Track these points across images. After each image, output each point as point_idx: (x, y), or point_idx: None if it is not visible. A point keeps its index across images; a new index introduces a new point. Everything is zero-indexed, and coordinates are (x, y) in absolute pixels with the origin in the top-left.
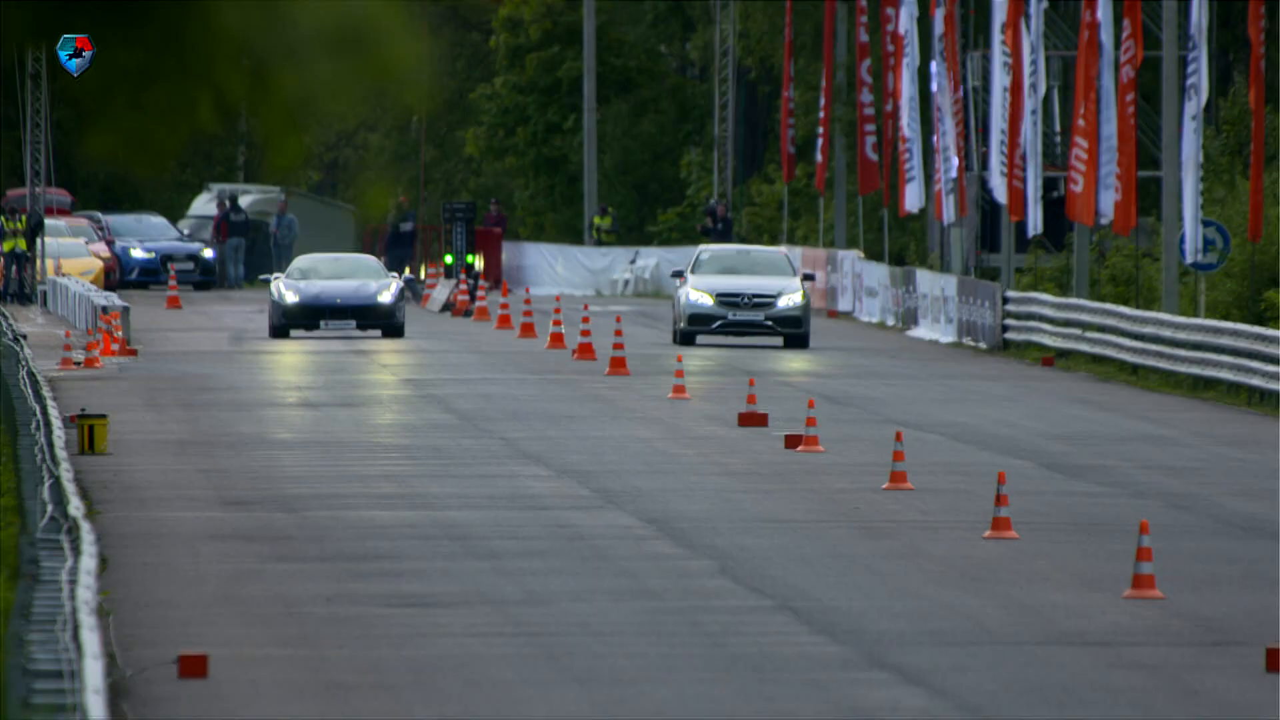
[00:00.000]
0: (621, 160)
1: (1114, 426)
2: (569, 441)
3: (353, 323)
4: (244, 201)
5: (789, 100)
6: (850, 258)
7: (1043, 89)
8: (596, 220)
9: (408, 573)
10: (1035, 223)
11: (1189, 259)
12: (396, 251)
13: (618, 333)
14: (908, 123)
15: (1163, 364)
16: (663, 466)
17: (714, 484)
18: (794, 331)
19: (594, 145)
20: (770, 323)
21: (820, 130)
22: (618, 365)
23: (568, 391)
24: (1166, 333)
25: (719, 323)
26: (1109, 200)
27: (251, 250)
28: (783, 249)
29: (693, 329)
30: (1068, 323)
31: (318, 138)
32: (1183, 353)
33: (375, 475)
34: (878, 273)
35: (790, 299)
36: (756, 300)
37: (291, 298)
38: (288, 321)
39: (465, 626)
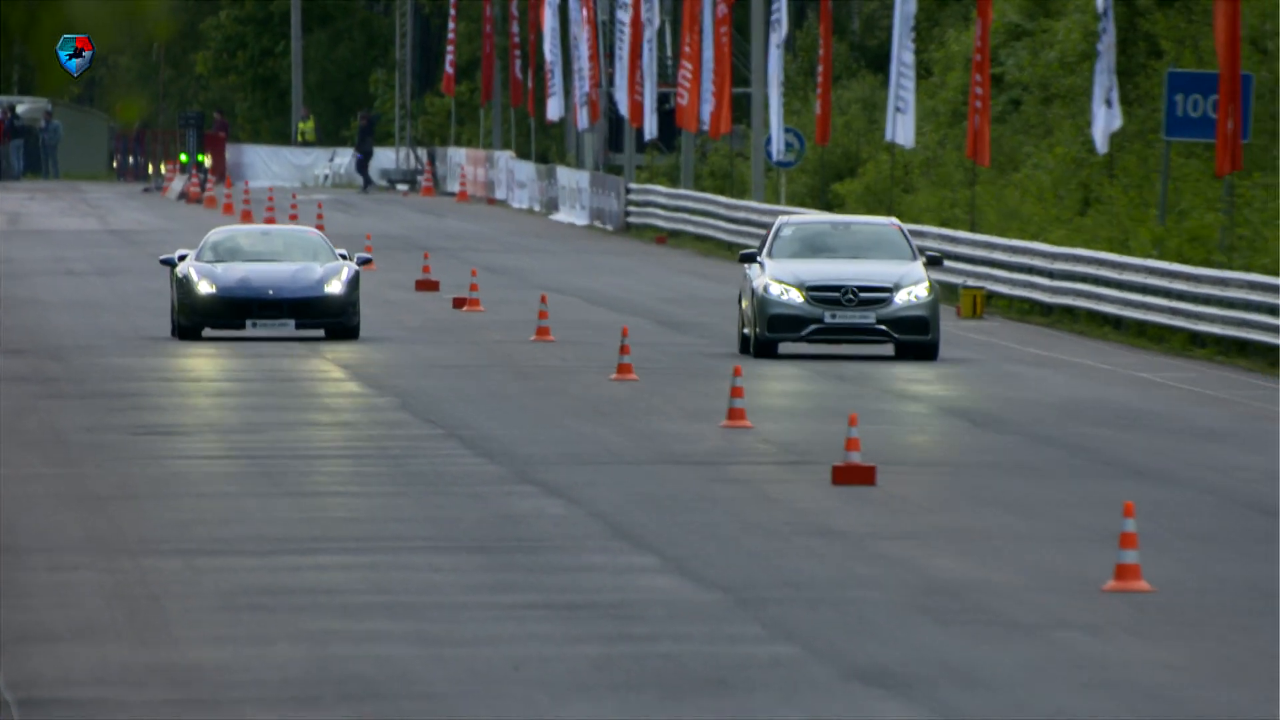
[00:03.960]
0: (321, 78)
1: (713, 291)
2: None
3: (290, 321)
4: (20, 110)
5: (454, 31)
6: (504, 157)
7: (657, 23)
8: (301, 126)
9: (151, 408)
10: (651, 129)
11: (773, 158)
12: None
13: (319, 216)
14: (549, 49)
15: (750, 241)
16: None
17: (396, 335)
18: (919, 339)
19: (299, 66)
20: (884, 327)
21: (481, 55)
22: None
23: None
24: (755, 216)
25: (812, 327)
26: (709, 111)
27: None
28: (894, 220)
29: (775, 336)
30: (677, 209)
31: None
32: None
33: (127, 330)
34: (526, 169)
35: (911, 292)
36: (865, 295)
37: (206, 288)
38: (200, 319)
39: (198, 450)
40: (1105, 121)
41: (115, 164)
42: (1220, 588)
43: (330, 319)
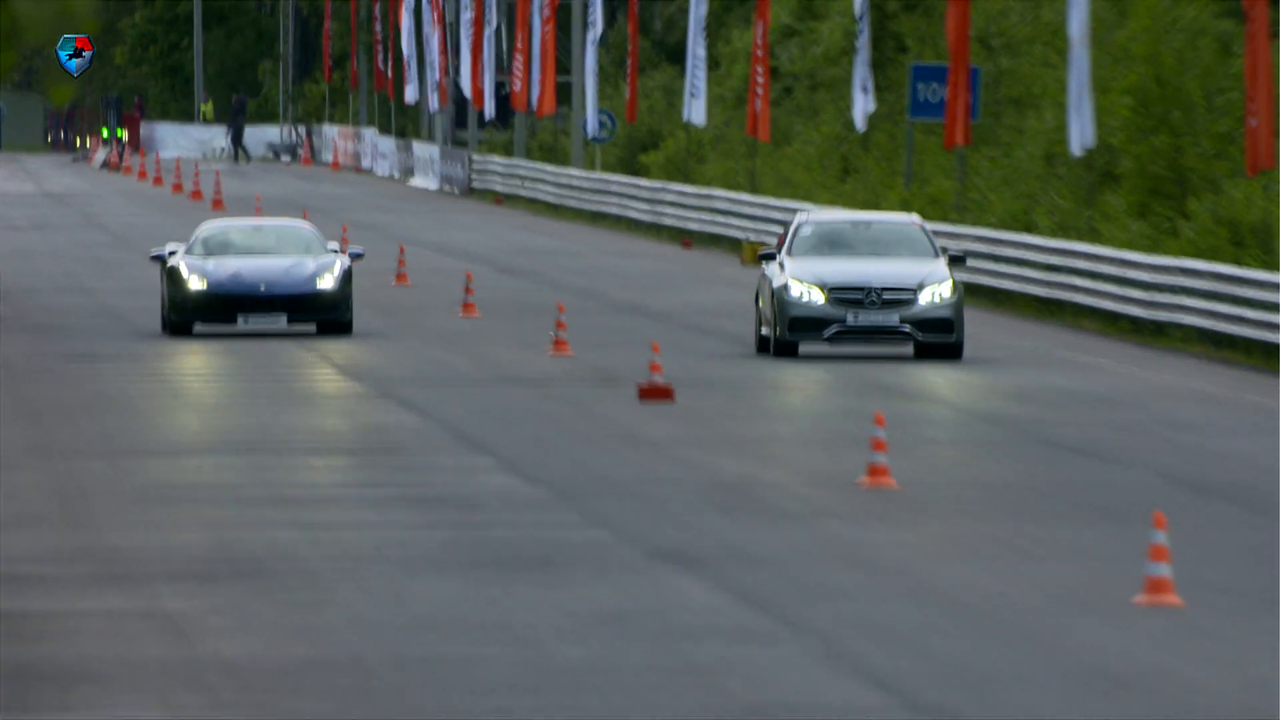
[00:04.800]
0: (219, 68)
1: (541, 244)
2: None
3: (282, 317)
4: None
5: (328, 29)
6: (370, 133)
7: (494, 23)
8: (203, 107)
9: (80, 338)
10: (490, 110)
11: (589, 134)
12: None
13: (218, 182)
14: (406, 44)
15: (572, 203)
16: None
17: None
18: (943, 339)
19: (201, 58)
20: (907, 328)
21: (350, 49)
22: (217, 205)
23: (182, 220)
24: (575, 182)
25: (834, 328)
26: (537, 95)
27: None
28: (915, 217)
29: (796, 337)
30: (512, 175)
31: (20, 52)
32: (586, 195)
33: (56, 274)
34: (388, 143)
35: (935, 292)
36: (888, 296)
37: (197, 283)
38: (192, 314)
39: (119, 374)
40: (862, 105)
41: (49, 138)
42: (950, 484)
43: (323, 314)
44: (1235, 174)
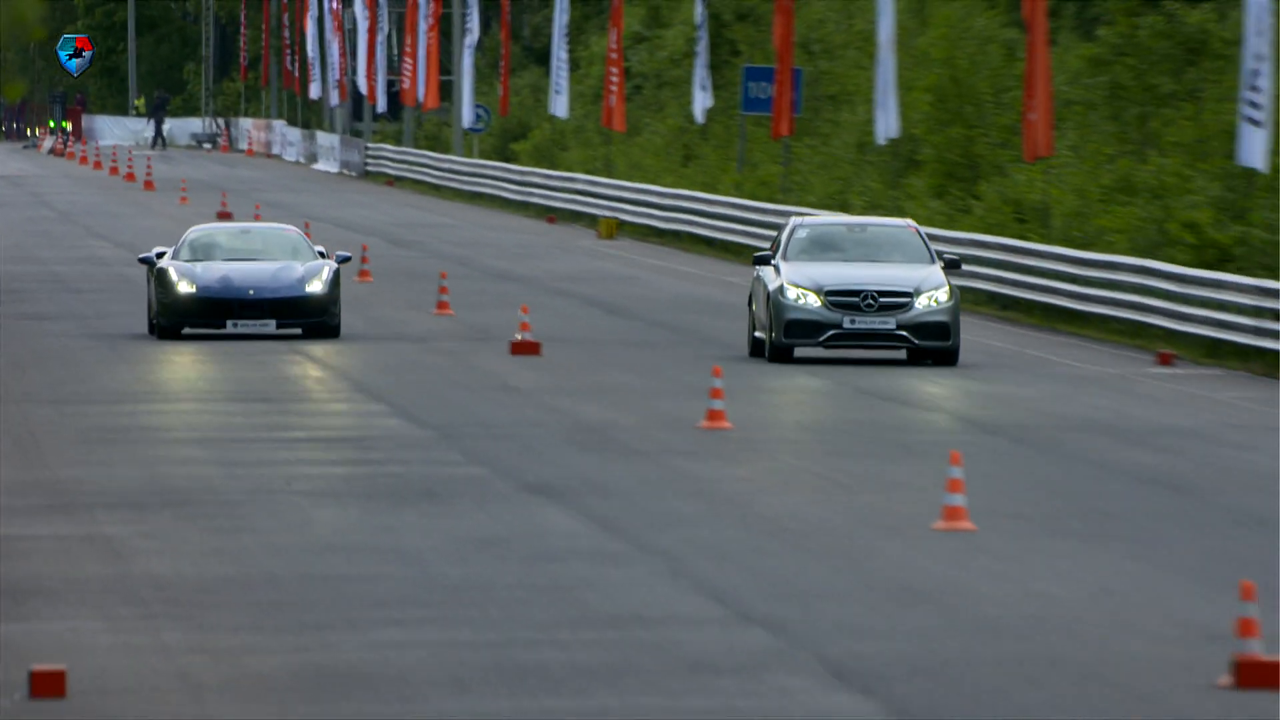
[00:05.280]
0: (150, 69)
1: (427, 219)
2: (120, 226)
3: (271, 321)
4: None
5: (244, 35)
6: (279, 125)
7: (386, 29)
8: (136, 102)
9: (30, 300)
10: (383, 105)
11: (468, 126)
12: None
13: (149, 167)
14: (311, 49)
15: (453, 185)
16: (151, 225)
17: (169, 236)
18: (939, 345)
19: (135, 61)
20: (904, 332)
21: (262, 52)
22: (149, 186)
23: (118, 199)
24: (456, 167)
25: (830, 333)
26: (423, 92)
27: None
28: (910, 221)
29: (792, 341)
30: (401, 161)
31: None
32: (465, 178)
33: (9, 245)
34: (294, 133)
35: (932, 297)
36: (884, 300)
37: (185, 287)
38: (181, 318)
39: (64, 332)
40: (701, 101)
41: (3, 129)
42: (783, 426)
43: (312, 319)
44: (1017, 160)
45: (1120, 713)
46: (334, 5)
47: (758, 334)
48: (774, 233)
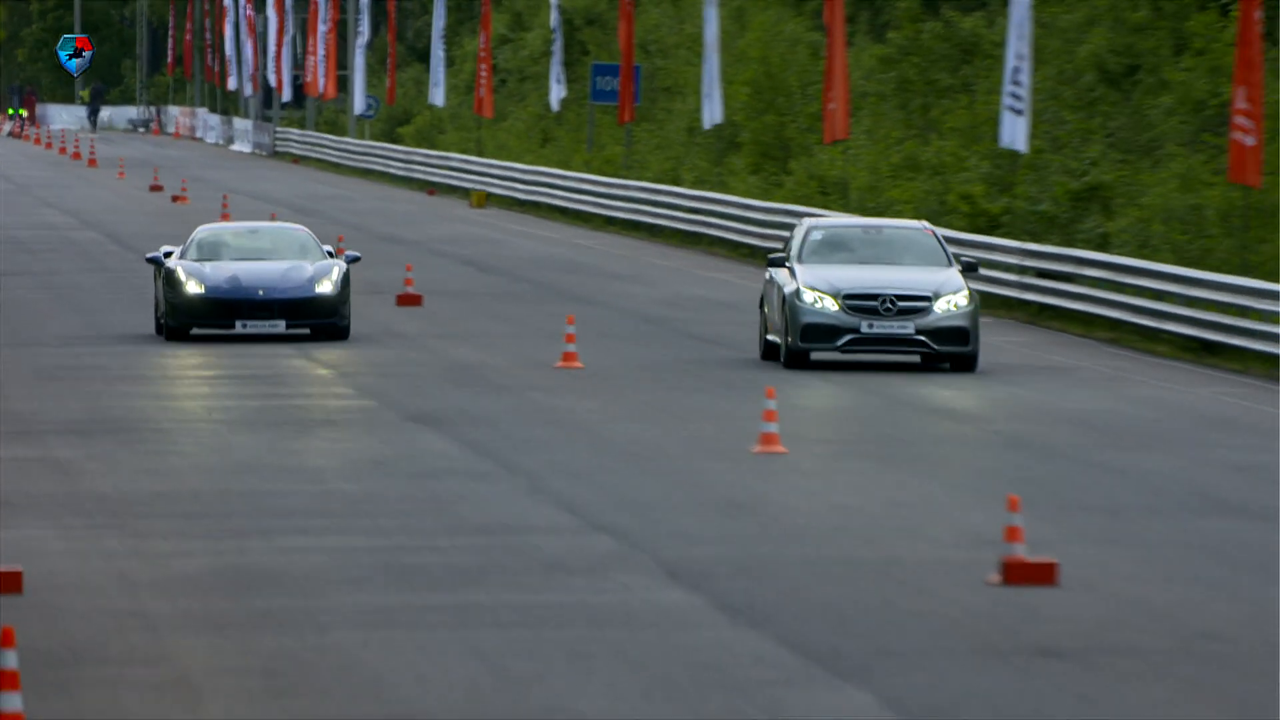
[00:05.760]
0: (93, 65)
1: (326, 192)
2: (67, 196)
3: (280, 322)
4: None
5: (173, 34)
6: (202, 111)
7: (292, 32)
8: (82, 93)
9: None
10: (288, 95)
11: (360, 113)
12: None
13: (92, 149)
14: (229, 48)
15: (349, 163)
16: (94, 195)
17: (109, 204)
18: (960, 350)
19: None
20: (923, 337)
21: (187, 51)
22: (92, 163)
23: (66, 174)
24: (351, 148)
25: (848, 337)
26: (323, 85)
27: None
28: (926, 224)
29: (809, 346)
30: (305, 143)
31: None
32: (358, 157)
33: None
34: (215, 119)
35: (951, 301)
36: (903, 305)
37: (194, 287)
38: (190, 319)
39: (21, 286)
40: (557, 93)
41: None
42: (626, 365)
43: (321, 319)
44: (820, 143)
45: (907, 604)
46: (248, 11)
47: (770, 337)
48: (620, 203)
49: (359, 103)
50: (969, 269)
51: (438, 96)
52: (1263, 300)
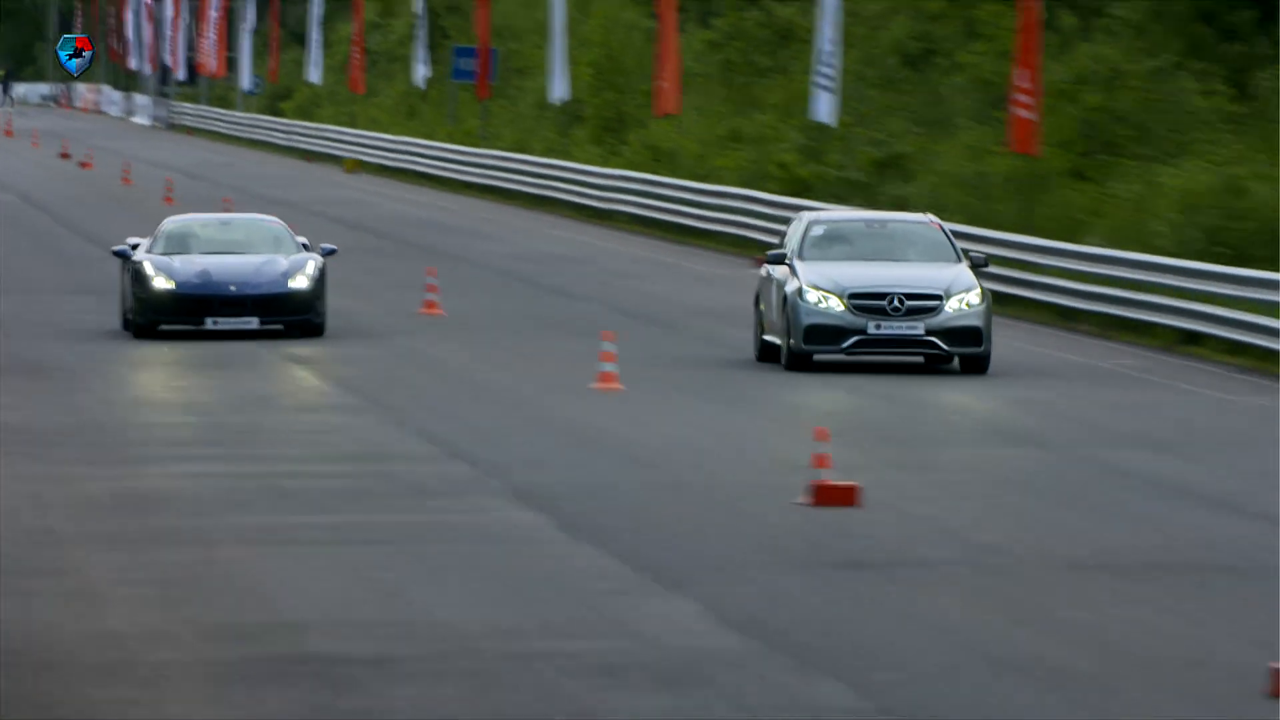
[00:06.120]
0: (7, 47)
1: (217, 160)
2: None
3: (253, 319)
4: None
5: (80, 22)
6: (107, 88)
7: (187, 19)
8: None
9: None
10: (183, 74)
11: (246, 90)
12: None
13: (9, 122)
14: (130, 32)
15: (236, 133)
16: (9, 163)
17: (21, 170)
18: (971, 351)
19: None
20: (933, 338)
21: (94, 33)
22: (9, 134)
23: None
24: (239, 120)
25: (854, 339)
26: (214, 64)
27: None
28: (933, 218)
29: (812, 348)
30: (199, 115)
31: None
32: (245, 128)
33: None
34: (118, 95)
35: (963, 300)
36: (912, 303)
37: (163, 283)
38: (158, 315)
39: None
40: (421, 72)
41: None
42: (483, 312)
43: (296, 316)
44: (654, 117)
45: (728, 523)
46: (148, 0)
47: (767, 337)
48: (477, 170)
49: (245, 80)
50: (978, 265)
51: (315, 75)
52: (1046, 254)
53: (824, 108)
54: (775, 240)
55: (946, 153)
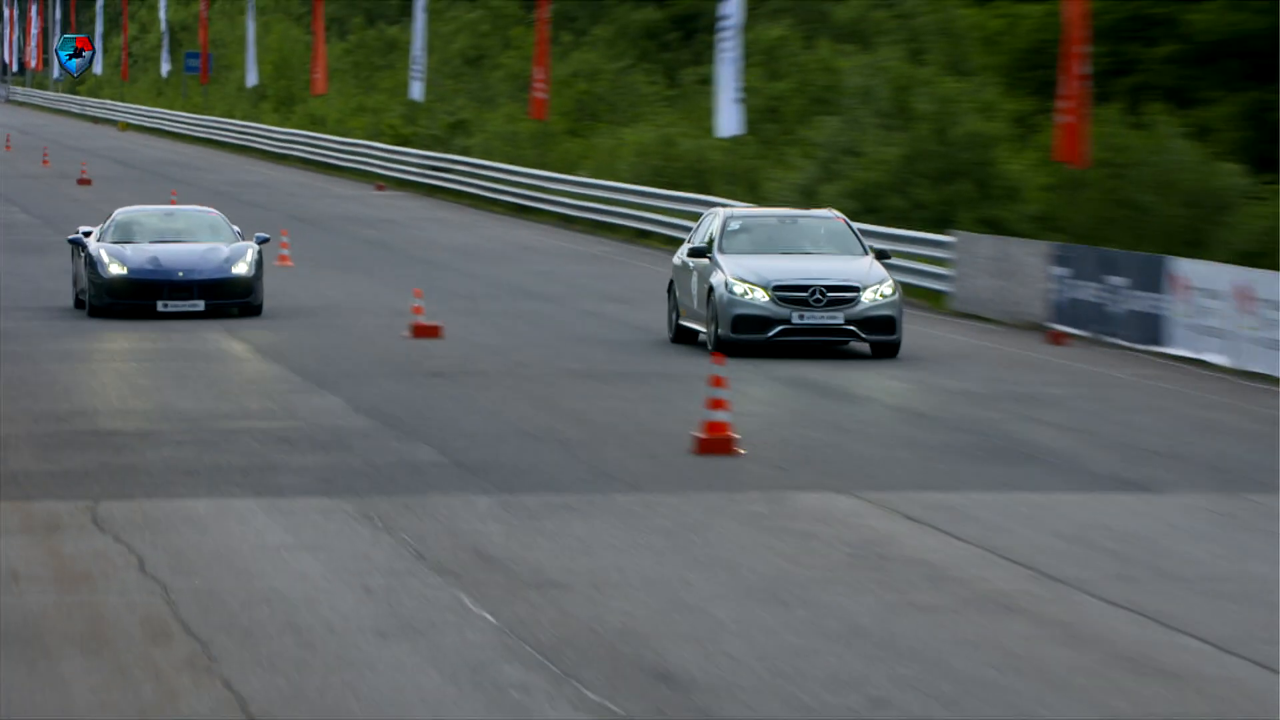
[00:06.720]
0: None
1: (37, 122)
2: None
3: (200, 302)
4: None
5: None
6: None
7: (18, 28)
8: None
9: None
10: (16, 66)
11: (55, 77)
12: None
13: None
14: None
15: (51, 106)
16: None
17: None
18: (885, 339)
19: None
20: (852, 327)
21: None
22: None
23: None
24: (51, 98)
25: (779, 328)
26: (36, 60)
27: None
28: (838, 213)
29: (739, 337)
30: (28, 95)
31: None
32: (56, 103)
33: None
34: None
35: (878, 290)
36: (833, 295)
37: (116, 269)
38: (112, 299)
39: None
40: (165, 67)
41: None
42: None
43: (237, 299)
44: (310, 96)
45: (360, 348)
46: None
47: (684, 322)
48: (203, 128)
49: (56, 72)
50: (881, 256)
51: (98, 67)
52: (554, 183)
53: (416, 90)
54: (386, 168)
55: (492, 120)
